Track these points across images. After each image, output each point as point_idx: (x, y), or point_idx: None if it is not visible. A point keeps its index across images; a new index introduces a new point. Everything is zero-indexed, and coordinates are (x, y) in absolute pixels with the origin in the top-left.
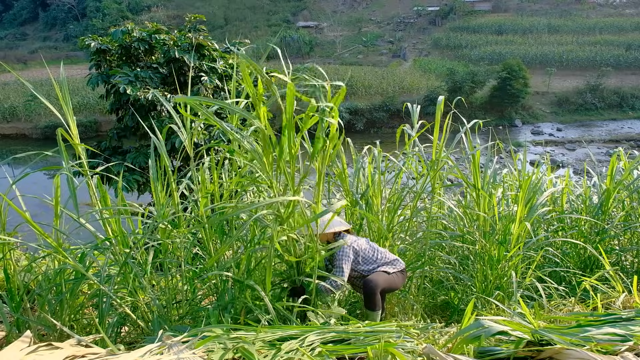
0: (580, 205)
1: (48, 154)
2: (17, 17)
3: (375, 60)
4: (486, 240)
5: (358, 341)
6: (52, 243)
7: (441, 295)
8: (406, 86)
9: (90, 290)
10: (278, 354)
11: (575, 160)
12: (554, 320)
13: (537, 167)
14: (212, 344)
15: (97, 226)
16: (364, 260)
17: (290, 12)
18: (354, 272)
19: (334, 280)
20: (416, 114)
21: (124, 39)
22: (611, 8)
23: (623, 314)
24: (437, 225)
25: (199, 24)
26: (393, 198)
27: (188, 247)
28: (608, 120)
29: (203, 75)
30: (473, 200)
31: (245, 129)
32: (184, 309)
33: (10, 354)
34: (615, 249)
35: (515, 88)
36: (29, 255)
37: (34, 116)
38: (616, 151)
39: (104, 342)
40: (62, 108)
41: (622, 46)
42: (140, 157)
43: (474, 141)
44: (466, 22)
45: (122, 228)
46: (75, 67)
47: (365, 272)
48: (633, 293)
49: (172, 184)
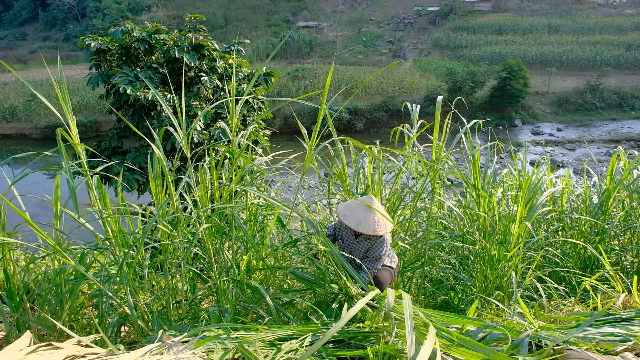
0: (580, 205)
1: (48, 154)
2: (17, 17)
3: (375, 60)
4: (486, 240)
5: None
6: (51, 243)
7: (441, 295)
8: (406, 86)
9: (90, 290)
10: (278, 354)
11: (575, 160)
12: (554, 320)
13: (537, 167)
14: (212, 344)
15: (97, 226)
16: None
17: (290, 12)
18: None
19: (372, 269)
20: (416, 114)
21: (124, 39)
22: (611, 8)
23: (623, 314)
24: (437, 225)
25: (199, 24)
26: (393, 198)
27: (188, 247)
28: (608, 120)
29: (203, 75)
30: (473, 200)
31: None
32: (184, 309)
33: (10, 354)
34: (615, 249)
35: (515, 88)
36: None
37: (34, 116)
38: (616, 151)
39: (104, 342)
40: (62, 108)
41: (622, 46)
42: (140, 157)
43: (474, 141)
44: (466, 22)
45: (122, 228)
46: (75, 67)
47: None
48: (633, 293)
49: (170, 185)
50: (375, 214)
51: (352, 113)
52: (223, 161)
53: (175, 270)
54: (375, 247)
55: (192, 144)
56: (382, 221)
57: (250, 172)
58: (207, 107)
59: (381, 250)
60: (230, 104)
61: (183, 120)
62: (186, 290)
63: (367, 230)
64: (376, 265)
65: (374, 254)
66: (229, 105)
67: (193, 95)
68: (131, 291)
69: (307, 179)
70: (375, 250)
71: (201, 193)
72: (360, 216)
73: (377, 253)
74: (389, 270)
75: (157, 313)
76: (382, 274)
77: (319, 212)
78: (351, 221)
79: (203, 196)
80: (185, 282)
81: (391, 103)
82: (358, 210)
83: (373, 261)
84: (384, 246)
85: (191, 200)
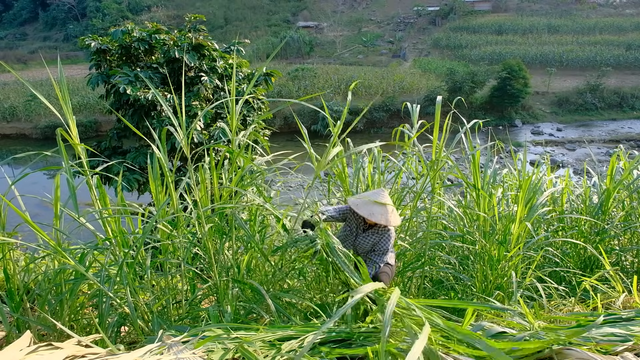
0: (580, 205)
1: (48, 154)
2: (17, 17)
3: (375, 60)
4: (486, 240)
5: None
6: (51, 243)
7: (441, 295)
8: (406, 86)
9: (90, 290)
10: (278, 354)
11: (575, 160)
12: (554, 320)
13: (537, 167)
14: (212, 344)
15: (97, 226)
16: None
17: (290, 12)
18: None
19: (380, 262)
20: (416, 114)
21: (124, 39)
22: (611, 8)
23: (623, 314)
24: (437, 225)
25: (199, 24)
26: (393, 198)
27: (188, 247)
28: (608, 120)
29: (203, 75)
30: (473, 200)
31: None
32: (184, 309)
33: (10, 354)
34: (615, 249)
35: (515, 88)
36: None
37: (34, 116)
38: (616, 151)
39: (104, 342)
40: (62, 108)
41: (622, 46)
42: (140, 157)
43: (474, 141)
44: (466, 22)
45: (122, 228)
46: (75, 67)
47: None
48: (633, 293)
49: (170, 185)
50: (387, 207)
51: (352, 113)
52: (223, 161)
53: (175, 270)
54: (383, 240)
55: (192, 144)
56: (394, 211)
57: (250, 172)
58: (207, 107)
59: (388, 244)
60: (230, 104)
61: (183, 120)
62: (186, 290)
63: (380, 220)
64: (383, 259)
65: (381, 247)
66: (229, 105)
67: (193, 95)
68: (131, 291)
69: (307, 179)
70: (384, 243)
71: (201, 193)
72: (373, 207)
73: (384, 246)
74: (390, 267)
75: (157, 313)
76: (385, 268)
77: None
78: (365, 211)
79: (203, 196)
80: (185, 282)
81: (391, 103)
82: (370, 202)
83: (380, 254)
84: (391, 239)
85: (191, 201)
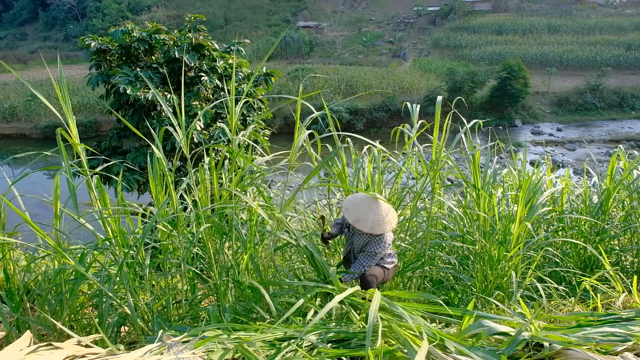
0: (580, 205)
1: (48, 154)
2: (17, 17)
3: (375, 60)
4: (486, 240)
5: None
6: (51, 243)
7: (441, 295)
8: (406, 86)
9: (90, 290)
10: (278, 354)
11: (575, 160)
12: (554, 320)
13: (537, 167)
14: (212, 344)
15: (97, 226)
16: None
17: (290, 12)
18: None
19: (366, 265)
20: (416, 114)
21: (124, 39)
22: (611, 8)
23: (623, 314)
24: (437, 225)
25: (199, 24)
26: (393, 198)
27: (188, 247)
28: (608, 120)
29: (203, 75)
30: (473, 200)
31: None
32: (184, 309)
33: (10, 354)
34: (615, 249)
35: (515, 88)
36: (29, 255)
37: (34, 116)
38: (616, 151)
39: (104, 342)
40: (62, 108)
41: (622, 46)
42: (140, 157)
43: (474, 141)
44: (466, 22)
45: (122, 228)
46: (75, 67)
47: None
48: (633, 293)
49: (170, 185)
50: (377, 212)
51: (352, 113)
52: (223, 161)
53: (175, 270)
54: (372, 243)
55: (192, 144)
56: (382, 220)
57: (250, 172)
58: (207, 107)
59: (377, 248)
60: (230, 104)
61: (183, 120)
62: (186, 290)
63: (364, 228)
64: (370, 262)
65: (370, 249)
66: (228, 105)
67: (193, 95)
68: (131, 291)
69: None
70: (372, 246)
71: (201, 193)
72: (361, 212)
73: (372, 249)
74: (382, 269)
75: (157, 313)
76: (373, 271)
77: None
78: (351, 216)
79: (203, 196)
80: (185, 282)
81: (391, 103)
82: (360, 206)
83: (367, 256)
84: (382, 244)
85: (191, 201)
